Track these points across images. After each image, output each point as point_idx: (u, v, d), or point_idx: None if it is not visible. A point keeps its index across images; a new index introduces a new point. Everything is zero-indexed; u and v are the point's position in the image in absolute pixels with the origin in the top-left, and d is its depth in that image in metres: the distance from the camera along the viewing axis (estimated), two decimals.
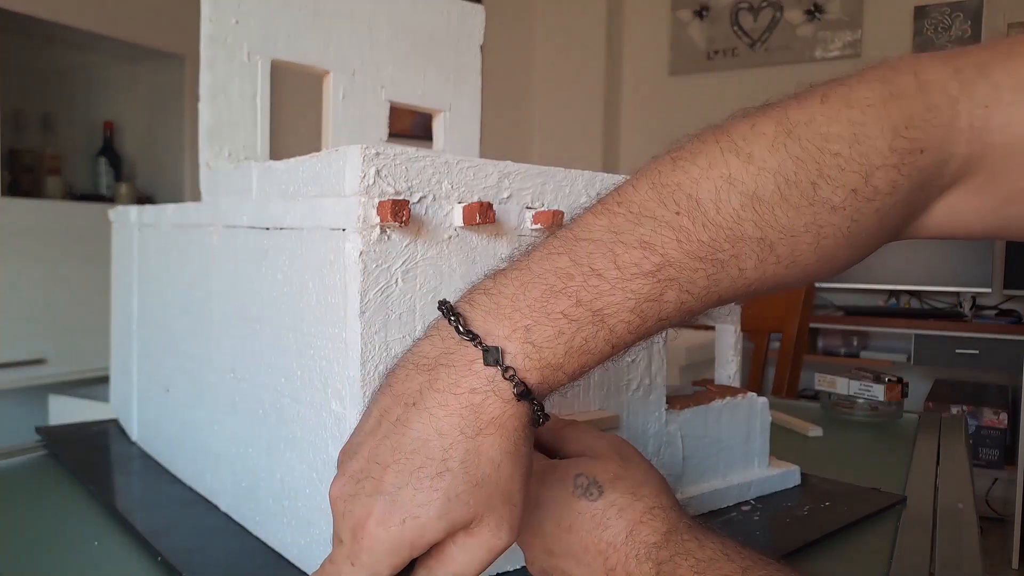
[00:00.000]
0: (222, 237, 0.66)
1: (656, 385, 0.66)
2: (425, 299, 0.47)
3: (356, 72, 0.88)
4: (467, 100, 0.98)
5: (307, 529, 0.52)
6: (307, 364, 0.51)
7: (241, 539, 0.60)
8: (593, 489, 0.43)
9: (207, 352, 0.68)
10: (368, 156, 0.43)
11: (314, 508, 0.51)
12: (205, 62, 0.75)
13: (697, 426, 0.69)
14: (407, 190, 0.45)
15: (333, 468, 0.48)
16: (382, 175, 0.44)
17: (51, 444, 0.86)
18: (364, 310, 0.44)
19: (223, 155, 0.77)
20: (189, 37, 2.70)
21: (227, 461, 0.65)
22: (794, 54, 3.33)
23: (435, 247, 0.47)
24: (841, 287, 3.17)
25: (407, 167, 0.45)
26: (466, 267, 0.50)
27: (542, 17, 3.66)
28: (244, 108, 0.79)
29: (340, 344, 0.46)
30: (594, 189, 0.59)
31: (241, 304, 0.62)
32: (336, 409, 0.47)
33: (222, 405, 0.66)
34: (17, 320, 2.28)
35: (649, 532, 0.41)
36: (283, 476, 0.55)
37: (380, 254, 0.44)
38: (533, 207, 0.55)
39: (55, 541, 0.61)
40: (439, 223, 0.48)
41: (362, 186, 0.43)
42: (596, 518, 0.42)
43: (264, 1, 0.80)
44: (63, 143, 2.69)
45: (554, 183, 0.56)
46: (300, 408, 0.52)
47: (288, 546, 0.55)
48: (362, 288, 0.43)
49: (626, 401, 0.63)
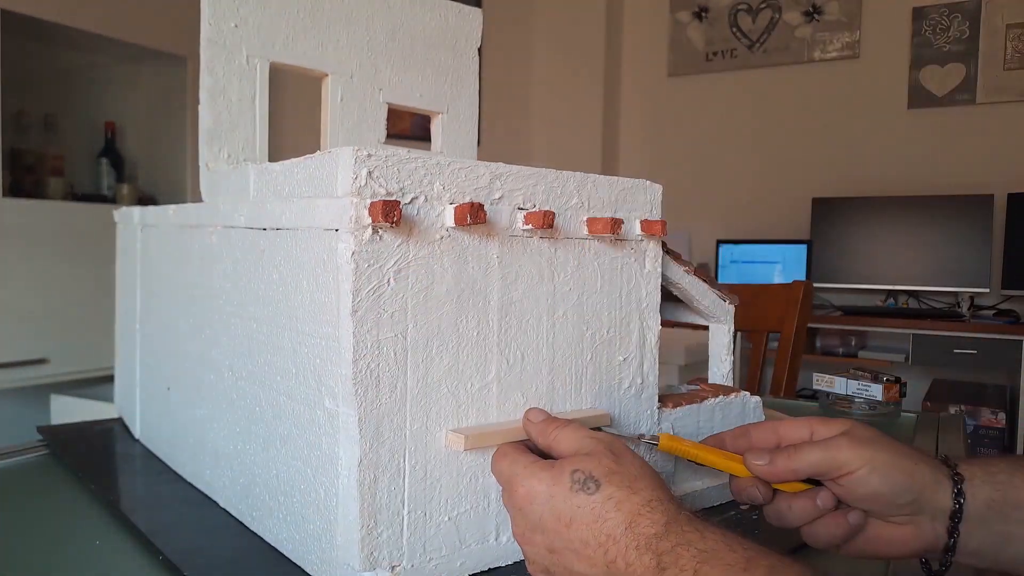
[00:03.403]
0: (220, 237, 0.67)
1: (648, 384, 0.67)
2: (417, 298, 0.48)
3: (354, 74, 0.89)
4: (465, 102, 0.99)
5: (302, 525, 0.53)
6: (302, 362, 0.52)
7: (242, 538, 0.61)
8: (590, 483, 0.44)
9: (206, 350, 0.69)
10: (360, 158, 0.44)
11: (308, 504, 0.52)
12: (204, 65, 0.76)
13: (690, 424, 0.70)
14: (399, 191, 0.46)
15: (327, 464, 0.49)
16: (374, 176, 0.45)
17: (52, 444, 0.86)
18: (356, 309, 0.45)
19: (222, 157, 0.78)
20: (191, 38, 2.71)
21: (226, 458, 0.66)
22: (793, 55, 3.34)
23: (427, 247, 0.48)
24: (840, 287, 3.18)
25: (398, 168, 0.46)
26: (458, 267, 0.50)
27: (542, 19, 3.67)
28: (243, 110, 0.80)
29: (333, 342, 0.47)
30: (585, 190, 0.60)
31: (239, 303, 0.63)
32: (329, 406, 0.48)
33: (221, 403, 0.67)
34: (19, 320, 2.29)
35: (648, 524, 0.42)
36: (279, 472, 0.56)
37: (372, 254, 0.45)
38: (525, 208, 0.55)
39: (56, 540, 0.61)
40: (431, 223, 0.48)
41: (354, 187, 0.44)
42: (595, 511, 0.44)
43: (263, 4, 0.81)
44: (65, 144, 2.70)
45: (545, 184, 0.57)
46: (295, 405, 0.53)
47: (283, 542, 0.56)
48: (354, 287, 0.44)
49: (618, 399, 0.64)
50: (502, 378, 0.54)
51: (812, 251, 3.18)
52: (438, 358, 0.50)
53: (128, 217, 0.91)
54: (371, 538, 0.46)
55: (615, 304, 0.63)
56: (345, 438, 0.46)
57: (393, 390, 0.47)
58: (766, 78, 3.41)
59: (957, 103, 3.04)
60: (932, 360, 2.88)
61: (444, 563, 0.51)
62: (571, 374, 0.60)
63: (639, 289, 0.66)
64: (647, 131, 3.69)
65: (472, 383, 0.52)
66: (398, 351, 0.47)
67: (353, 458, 0.46)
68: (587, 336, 0.61)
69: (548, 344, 0.58)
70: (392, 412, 0.47)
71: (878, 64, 3.19)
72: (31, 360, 2.33)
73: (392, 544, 0.48)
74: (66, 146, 2.70)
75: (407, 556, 0.48)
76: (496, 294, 0.54)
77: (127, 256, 0.93)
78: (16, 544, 0.60)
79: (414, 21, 0.93)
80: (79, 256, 2.36)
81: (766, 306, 1.69)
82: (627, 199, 0.64)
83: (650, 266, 0.66)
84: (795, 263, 3.23)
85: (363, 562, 0.46)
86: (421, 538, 0.49)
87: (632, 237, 0.64)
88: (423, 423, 0.49)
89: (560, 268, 0.58)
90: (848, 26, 3.22)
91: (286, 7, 0.83)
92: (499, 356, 0.54)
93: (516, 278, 0.55)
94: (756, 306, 1.67)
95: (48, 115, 2.66)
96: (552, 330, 0.58)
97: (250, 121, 0.81)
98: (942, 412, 1.55)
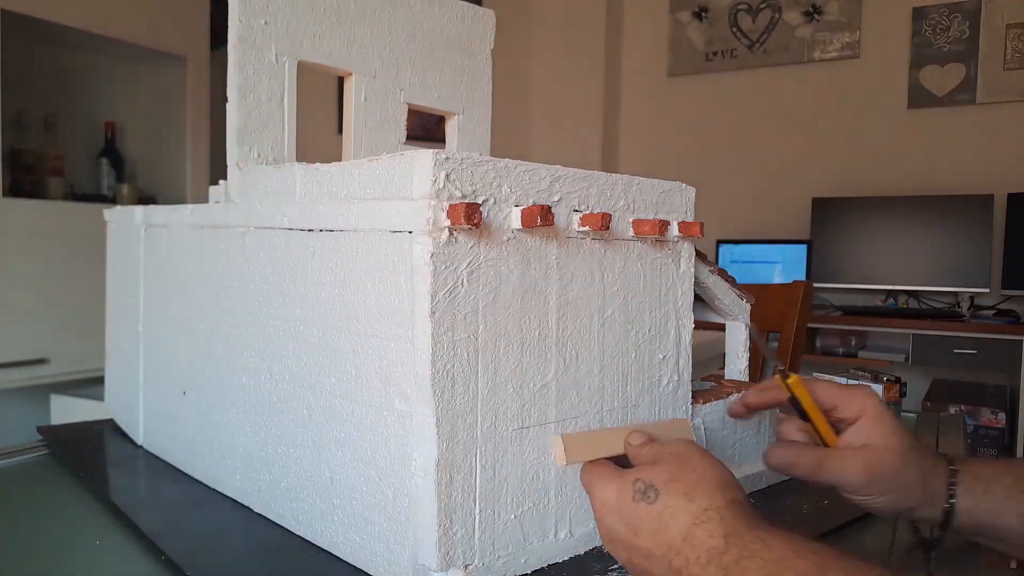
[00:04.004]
0: (255, 238, 0.66)
1: (683, 381, 0.68)
2: (487, 299, 0.48)
3: (377, 74, 0.89)
4: (479, 103, 0.99)
5: (363, 527, 0.53)
6: (363, 364, 0.52)
7: (244, 538, 0.61)
8: (651, 492, 0.45)
9: (236, 354, 0.69)
10: (439, 160, 0.44)
11: (371, 506, 0.52)
12: (234, 62, 0.76)
13: (716, 419, 0.72)
14: (472, 193, 0.46)
15: (394, 465, 0.49)
16: (451, 179, 0.45)
17: (52, 443, 0.86)
18: (434, 310, 0.45)
19: (252, 156, 0.78)
20: (191, 38, 2.72)
21: (262, 462, 0.65)
22: (793, 55, 3.35)
23: (495, 249, 0.48)
24: (840, 287, 3.20)
25: (472, 171, 0.46)
26: (522, 268, 0.51)
27: (542, 19, 3.67)
28: (272, 109, 0.79)
29: (406, 344, 0.46)
30: (631, 192, 0.61)
31: (280, 305, 0.62)
32: (400, 408, 0.48)
33: (256, 406, 0.66)
34: (19, 320, 2.28)
35: (706, 535, 0.42)
36: (333, 475, 0.56)
37: (449, 256, 0.45)
38: (580, 210, 0.56)
39: (57, 541, 0.61)
40: (499, 225, 0.49)
41: (432, 190, 0.44)
42: (656, 520, 0.44)
43: (291, 2, 0.81)
44: (65, 144, 2.69)
45: (597, 187, 0.57)
46: (355, 407, 0.53)
47: (339, 544, 0.56)
48: (432, 289, 0.44)
49: (658, 396, 0.65)
50: (560, 377, 0.55)
51: (812, 251, 3.19)
52: (505, 358, 0.50)
53: (127, 216, 0.90)
54: (447, 537, 0.46)
55: (655, 303, 0.64)
56: (420, 439, 0.46)
57: (467, 390, 0.47)
58: (766, 78, 3.42)
59: (957, 103, 3.06)
60: (932, 360, 2.90)
61: (511, 560, 0.51)
62: (618, 372, 0.61)
63: (675, 289, 0.67)
64: (647, 131, 3.69)
65: (534, 382, 0.52)
66: (470, 352, 0.47)
67: (430, 459, 0.46)
68: (632, 335, 0.62)
69: (599, 343, 0.58)
70: (465, 412, 0.47)
71: (878, 64, 3.20)
72: (31, 360, 2.32)
73: (465, 543, 0.48)
74: (66, 146, 2.68)
75: (478, 554, 0.49)
76: (555, 295, 0.54)
77: (126, 256, 0.91)
78: (16, 544, 0.60)
79: (432, 22, 0.93)
80: (79, 256, 2.34)
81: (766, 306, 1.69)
82: (666, 201, 0.65)
83: (684, 266, 0.67)
84: (795, 263, 3.24)
85: (440, 562, 0.46)
86: (490, 536, 0.49)
87: (671, 238, 0.65)
88: (492, 422, 0.49)
89: (609, 269, 0.59)
90: (848, 26, 3.23)
91: (313, 6, 0.82)
92: (557, 356, 0.54)
93: (572, 279, 0.55)
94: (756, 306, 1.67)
95: (48, 115, 2.64)
96: (602, 330, 0.59)
97: (279, 120, 0.81)
98: (942, 412, 1.56)
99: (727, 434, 0.73)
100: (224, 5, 0.76)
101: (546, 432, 0.53)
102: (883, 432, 0.55)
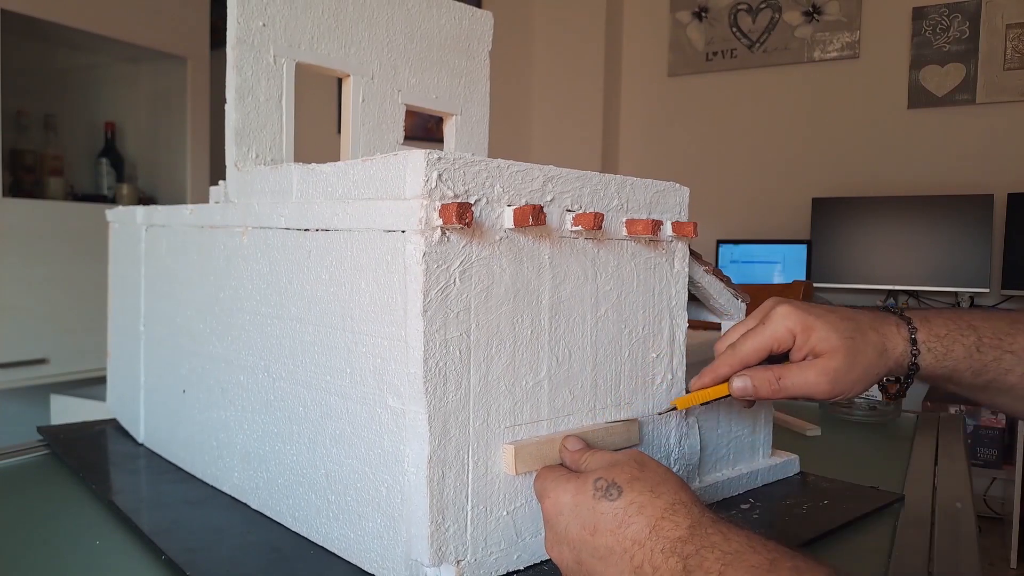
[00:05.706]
0: (253, 238, 0.67)
1: (677, 379, 0.69)
2: (479, 298, 0.49)
3: (375, 75, 0.90)
4: (477, 104, 0.99)
5: (357, 523, 0.53)
6: (358, 362, 0.52)
7: (244, 538, 0.61)
8: (612, 490, 0.45)
9: (234, 352, 0.69)
10: (431, 161, 0.45)
11: (366, 502, 0.52)
12: (232, 64, 0.76)
13: (711, 418, 0.72)
14: (464, 193, 0.47)
15: (388, 462, 0.49)
16: (443, 179, 0.45)
17: (53, 443, 0.86)
18: (427, 309, 0.45)
19: (250, 156, 0.78)
20: (191, 39, 2.73)
21: (259, 459, 0.66)
22: (793, 55, 3.35)
23: (488, 248, 0.49)
24: (839, 287, 3.20)
25: (464, 171, 0.47)
26: (515, 267, 0.51)
27: (541, 19, 3.67)
28: (270, 110, 0.80)
29: (399, 342, 0.47)
30: (624, 192, 0.61)
31: (277, 304, 0.63)
32: (393, 405, 0.48)
33: (254, 404, 0.67)
34: (19, 320, 2.28)
35: (672, 527, 0.43)
36: (328, 471, 0.57)
37: (441, 255, 0.46)
38: (572, 210, 0.56)
39: (57, 540, 0.61)
40: (491, 225, 0.49)
41: (424, 189, 0.45)
42: (618, 517, 0.44)
43: (289, 4, 0.81)
44: (65, 144, 2.69)
45: (591, 187, 0.58)
46: (350, 404, 0.53)
47: (335, 540, 0.56)
48: (425, 287, 0.45)
49: (651, 395, 0.66)
50: (552, 376, 0.55)
51: (812, 251, 3.19)
52: (497, 356, 0.50)
53: (128, 217, 0.90)
54: (439, 533, 0.47)
55: (648, 303, 0.65)
56: (412, 435, 0.47)
57: (459, 388, 0.48)
58: (766, 78, 3.42)
59: (957, 103, 3.06)
60: None
61: (503, 556, 0.51)
62: (611, 371, 0.61)
63: (669, 288, 0.67)
64: (647, 131, 3.70)
65: (526, 381, 0.53)
66: (463, 350, 0.48)
67: (422, 455, 0.46)
68: (625, 334, 0.62)
69: (592, 342, 0.59)
70: (458, 409, 0.48)
71: (878, 64, 3.21)
72: (31, 360, 2.32)
73: (458, 539, 0.48)
74: (66, 146, 2.69)
75: (471, 550, 0.49)
76: (547, 294, 0.54)
77: (127, 256, 0.92)
78: (16, 544, 0.60)
79: (430, 23, 0.94)
80: (79, 256, 2.35)
81: None
82: (659, 201, 0.65)
83: (679, 266, 0.68)
84: (795, 263, 3.25)
85: (432, 557, 0.46)
86: (483, 532, 0.50)
87: (664, 238, 0.65)
88: (484, 420, 0.50)
89: (602, 268, 0.59)
90: (848, 26, 3.24)
91: (311, 7, 0.83)
92: (549, 354, 0.55)
93: (564, 278, 0.56)
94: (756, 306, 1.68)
95: (48, 115, 2.65)
96: (595, 329, 0.59)
97: (277, 121, 0.81)
98: (942, 412, 1.56)
99: (721, 433, 0.73)
100: (224, 5, 0.76)
101: (538, 430, 0.54)
102: (819, 338, 0.58)
